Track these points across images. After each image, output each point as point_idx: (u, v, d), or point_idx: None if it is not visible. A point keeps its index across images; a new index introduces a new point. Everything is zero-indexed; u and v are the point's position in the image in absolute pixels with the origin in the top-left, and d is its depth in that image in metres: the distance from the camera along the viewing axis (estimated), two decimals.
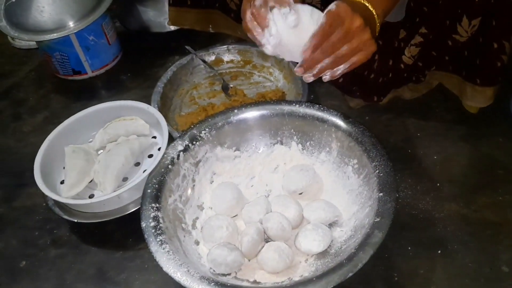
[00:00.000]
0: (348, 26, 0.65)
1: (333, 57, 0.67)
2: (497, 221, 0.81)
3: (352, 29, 0.65)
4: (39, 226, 0.89)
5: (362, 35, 0.66)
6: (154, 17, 1.26)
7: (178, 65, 1.08)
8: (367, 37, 0.67)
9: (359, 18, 0.65)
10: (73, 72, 1.19)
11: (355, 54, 0.67)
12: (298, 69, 0.69)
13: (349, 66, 0.69)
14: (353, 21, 0.65)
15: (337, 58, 0.67)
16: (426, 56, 0.93)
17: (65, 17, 1.10)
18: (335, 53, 0.66)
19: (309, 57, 0.67)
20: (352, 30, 0.65)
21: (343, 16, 0.65)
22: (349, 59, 0.68)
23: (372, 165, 0.74)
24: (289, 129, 0.84)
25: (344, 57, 0.67)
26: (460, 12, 0.83)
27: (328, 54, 0.66)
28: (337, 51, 0.66)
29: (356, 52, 0.67)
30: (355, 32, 0.65)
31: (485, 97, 0.92)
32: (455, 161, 0.91)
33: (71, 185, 0.85)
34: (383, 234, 0.65)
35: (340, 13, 0.65)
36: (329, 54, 0.66)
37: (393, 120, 1.00)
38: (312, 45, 0.66)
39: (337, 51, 0.66)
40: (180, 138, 0.81)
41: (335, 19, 0.65)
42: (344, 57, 0.67)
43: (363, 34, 0.66)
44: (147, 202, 0.73)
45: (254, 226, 0.73)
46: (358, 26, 0.65)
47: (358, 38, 0.66)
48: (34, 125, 1.11)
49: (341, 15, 0.65)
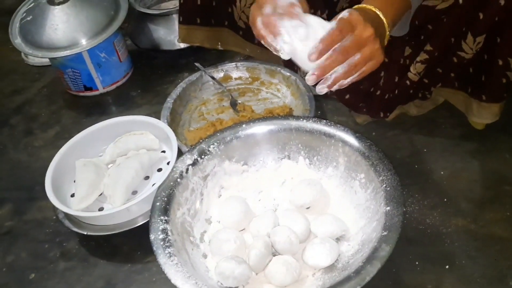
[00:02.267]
0: (359, 34, 0.66)
1: (346, 66, 0.66)
2: (505, 237, 0.81)
3: (363, 38, 0.66)
4: (49, 239, 0.90)
5: (373, 44, 0.67)
6: (164, 35, 1.29)
7: (188, 82, 1.10)
8: (377, 46, 0.67)
9: (370, 27, 0.66)
10: (85, 88, 1.22)
11: (366, 63, 0.68)
12: (310, 76, 0.67)
13: (358, 75, 0.69)
14: (365, 29, 0.66)
15: (350, 67, 0.67)
16: (432, 73, 0.94)
17: (78, 34, 1.13)
18: (348, 61, 0.66)
19: (322, 65, 0.67)
20: (364, 38, 0.66)
21: (354, 24, 0.66)
22: (360, 68, 0.68)
23: (379, 179, 0.74)
24: (297, 144, 0.85)
25: (357, 66, 0.67)
26: (465, 30, 0.85)
27: (340, 61, 0.66)
28: (350, 59, 0.66)
29: (368, 61, 0.68)
30: (367, 40, 0.66)
31: (491, 113, 0.93)
32: (462, 177, 0.91)
33: (81, 198, 0.86)
34: (390, 248, 0.65)
35: (352, 21, 0.66)
36: (342, 61, 0.66)
37: (399, 136, 1.00)
38: (318, 50, 0.66)
39: (349, 58, 0.66)
40: (189, 152, 0.82)
41: (346, 25, 0.65)
42: (357, 66, 0.67)
43: (374, 44, 0.67)
44: (156, 215, 0.73)
45: (261, 240, 0.74)
46: (370, 36, 0.66)
47: (369, 46, 0.67)
48: (45, 140, 1.13)
49: (353, 23, 0.66)
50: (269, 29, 0.70)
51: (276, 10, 0.69)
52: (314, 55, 0.66)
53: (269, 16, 0.70)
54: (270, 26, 0.70)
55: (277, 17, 0.69)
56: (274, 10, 0.69)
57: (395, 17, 0.73)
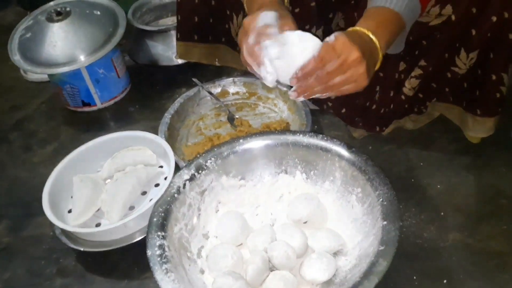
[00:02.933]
0: (344, 59, 0.66)
1: (324, 86, 0.69)
2: (502, 251, 0.81)
3: (347, 62, 0.66)
4: (46, 255, 0.90)
5: (358, 68, 0.67)
6: (162, 51, 1.30)
7: (185, 97, 1.11)
8: (362, 71, 0.67)
9: (357, 51, 0.66)
10: (83, 104, 1.22)
11: (346, 85, 0.69)
12: (292, 93, 0.71)
13: (336, 93, 0.70)
14: (351, 53, 0.66)
15: (327, 86, 0.69)
16: (427, 88, 0.95)
17: (77, 51, 1.14)
18: (328, 83, 0.68)
19: (303, 85, 0.69)
20: (348, 62, 0.67)
21: (339, 49, 0.66)
22: (339, 88, 0.69)
23: (375, 194, 0.75)
24: (294, 159, 0.86)
25: (335, 86, 0.69)
26: (458, 46, 0.86)
27: (321, 83, 0.68)
28: (330, 81, 0.68)
29: (348, 83, 0.69)
30: (351, 64, 0.67)
31: (486, 127, 0.93)
32: (458, 191, 0.92)
33: (79, 214, 0.86)
34: (387, 262, 0.65)
35: (336, 46, 0.66)
36: (323, 83, 0.68)
37: (395, 150, 1.01)
38: (298, 77, 0.68)
39: (331, 80, 0.68)
40: (186, 167, 0.83)
41: (329, 53, 0.66)
42: (335, 86, 0.69)
43: (358, 67, 0.67)
44: (153, 231, 0.73)
45: (259, 255, 0.74)
46: (355, 59, 0.66)
47: (353, 70, 0.67)
48: (44, 156, 1.13)
49: (337, 49, 0.66)
50: (252, 58, 0.72)
51: (260, 38, 0.71)
52: (294, 80, 0.69)
53: (252, 46, 0.71)
54: (253, 56, 0.72)
55: (259, 46, 0.71)
56: (257, 38, 0.71)
57: (390, 39, 0.74)
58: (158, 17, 1.44)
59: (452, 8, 0.82)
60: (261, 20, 0.71)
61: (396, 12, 0.74)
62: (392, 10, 0.74)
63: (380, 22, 0.73)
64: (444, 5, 0.82)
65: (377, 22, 0.73)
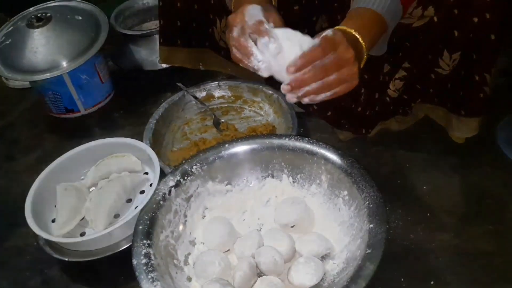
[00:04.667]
0: (341, 55, 0.66)
1: (320, 83, 0.67)
2: (488, 251, 0.81)
3: (344, 59, 0.67)
4: (30, 266, 0.88)
5: (352, 67, 0.68)
6: (146, 56, 1.29)
7: (170, 102, 1.10)
8: (355, 70, 0.68)
9: (352, 49, 0.67)
10: (66, 111, 1.21)
11: (340, 84, 0.69)
12: (285, 86, 0.68)
13: (331, 95, 0.70)
14: (347, 51, 0.66)
15: (324, 85, 0.68)
16: (411, 89, 0.96)
17: (59, 57, 1.12)
18: (324, 80, 0.67)
19: (299, 78, 0.67)
20: (344, 59, 0.67)
21: (338, 43, 0.66)
22: (334, 88, 0.69)
23: (362, 197, 0.74)
24: (280, 162, 0.85)
25: (331, 86, 0.68)
26: (441, 47, 0.87)
27: (317, 77, 0.67)
28: (326, 77, 0.67)
29: (342, 83, 0.69)
30: (347, 61, 0.67)
31: (470, 127, 0.94)
32: (444, 191, 0.92)
33: (63, 223, 0.85)
34: (375, 266, 0.65)
35: (336, 40, 0.66)
36: (319, 78, 0.67)
37: (382, 152, 1.01)
38: (297, 64, 0.66)
39: (327, 76, 0.67)
40: (172, 173, 0.82)
41: (330, 44, 0.66)
42: (330, 86, 0.68)
43: (352, 67, 0.68)
44: (139, 239, 0.72)
45: (246, 261, 0.73)
46: (350, 58, 0.67)
47: (348, 68, 0.67)
48: (26, 164, 1.11)
49: (336, 42, 0.66)
50: (241, 51, 0.71)
51: (244, 30, 0.70)
52: (292, 68, 0.67)
53: (238, 38, 0.70)
54: (241, 48, 0.71)
55: (246, 37, 0.70)
56: (242, 30, 0.70)
57: (373, 40, 0.74)
58: (141, 21, 1.43)
59: (434, 10, 0.82)
60: (248, 14, 0.70)
61: (378, 13, 0.74)
62: (374, 11, 0.74)
63: (363, 22, 0.73)
64: (426, 6, 0.82)
65: (360, 22, 0.73)
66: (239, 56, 0.72)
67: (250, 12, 0.70)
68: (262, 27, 0.68)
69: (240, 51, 0.71)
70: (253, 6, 0.70)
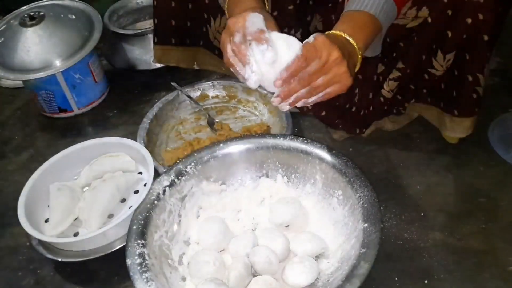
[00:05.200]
0: (325, 59, 0.67)
1: (308, 88, 0.68)
2: (481, 249, 0.82)
3: (329, 62, 0.67)
4: (23, 266, 0.87)
5: (339, 68, 0.68)
6: (140, 55, 1.29)
7: (164, 101, 1.09)
8: (343, 70, 0.68)
9: (336, 50, 0.67)
10: (59, 110, 1.20)
11: (330, 86, 0.69)
12: (275, 99, 0.70)
13: (323, 96, 0.70)
14: (331, 53, 0.67)
15: (312, 89, 0.69)
16: (405, 90, 0.96)
17: (52, 56, 1.12)
18: (311, 84, 0.68)
19: (286, 89, 0.68)
20: (329, 62, 0.67)
21: (320, 48, 0.67)
22: (324, 90, 0.70)
23: (356, 196, 0.75)
24: (274, 162, 0.85)
25: (319, 88, 0.69)
26: (435, 47, 0.87)
27: (304, 85, 0.68)
28: (313, 82, 0.68)
29: (331, 84, 0.69)
30: (332, 64, 0.67)
31: (463, 127, 0.95)
32: (438, 191, 0.92)
33: (56, 223, 0.84)
34: (369, 265, 0.65)
35: (317, 46, 0.67)
36: (305, 85, 0.68)
37: (376, 151, 1.02)
38: (283, 78, 0.68)
39: (313, 82, 0.68)
40: (166, 173, 0.82)
41: (311, 52, 0.67)
42: (319, 88, 0.69)
43: (339, 67, 0.68)
44: (133, 239, 0.72)
45: (241, 261, 0.73)
46: (335, 59, 0.67)
47: (335, 70, 0.68)
48: (19, 163, 1.10)
49: (318, 48, 0.67)
50: (238, 57, 0.71)
51: (245, 38, 0.70)
52: (279, 82, 0.68)
53: (239, 45, 0.70)
54: (239, 55, 0.71)
55: (246, 45, 0.70)
56: (243, 38, 0.70)
57: (366, 41, 0.74)
58: (135, 20, 1.42)
59: (428, 10, 0.83)
60: (250, 21, 0.70)
61: (372, 15, 0.74)
62: (368, 13, 0.74)
63: (356, 25, 0.74)
64: (420, 7, 0.83)
65: (353, 25, 0.74)
66: (233, 61, 0.72)
67: (252, 20, 0.70)
68: (263, 35, 0.68)
69: (237, 57, 0.71)
70: (255, 14, 0.70)
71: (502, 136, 1.01)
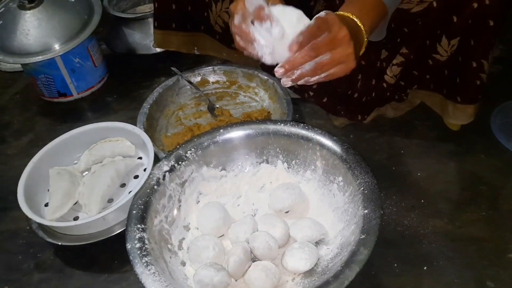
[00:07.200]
0: (334, 34, 0.65)
1: (313, 64, 0.66)
2: (481, 237, 0.82)
3: (338, 38, 0.65)
4: (23, 250, 0.88)
5: (346, 47, 0.66)
6: (140, 39, 1.28)
7: (164, 86, 1.09)
8: (350, 51, 0.67)
9: (345, 28, 0.66)
10: (59, 95, 1.19)
11: (335, 66, 0.68)
12: (279, 69, 0.67)
13: (325, 76, 0.68)
14: (340, 30, 0.65)
15: (317, 65, 0.66)
16: (408, 75, 0.95)
17: (51, 39, 1.11)
18: (316, 60, 0.66)
19: (292, 58, 0.66)
20: (338, 38, 0.65)
21: (331, 23, 0.65)
22: (328, 70, 0.68)
23: (356, 183, 0.74)
24: (275, 148, 0.85)
25: (325, 66, 0.67)
26: (439, 32, 0.86)
27: (311, 56, 0.66)
28: (319, 57, 0.66)
29: (336, 63, 0.67)
30: (341, 41, 0.66)
31: (466, 114, 0.94)
32: (439, 178, 0.92)
33: (56, 207, 0.84)
34: (368, 251, 0.65)
35: (329, 20, 0.65)
36: (313, 57, 0.66)
37: (377, 138, 1.01)
38: (299, 42, 0.65)
39: (320, 55, 0.66)
40: (166, 158, 0.81)
41: (323, 23, 0.65)
42: (324, 66, 0.67)
43: (347, 46, 0.66)
44: (133, 223, 0.72)
45: (240, 246, 0.73)
46: (344, 36, 0.66)
47: (342, 48, 0.66)
48: (18, 148, 1.10)
49: (330, 22, 0.65)
50: (243, 38, 0.70)
51: (245, 17, 0.69)
52: (295, 45, 0.65)
53: (240, 25, 0.69)
54: (243, 35, 0.69)
55: (246, 24, 0.68)
56: (243, 17, 0.69)
57: (373, 24, 0.73)
58: (135, 4, 1.40)
59: None
60: (249, 1, 0.68)
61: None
62: None
63: (363, 7, 0.73)
64: None
65: (359, 7, 0.72)
66: (242, 44, 0.70)
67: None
68: (262, 12, 0.67)
69: (242, 38, 0.70)
70: None
71: (504, 124, 1.01)
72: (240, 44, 0.71)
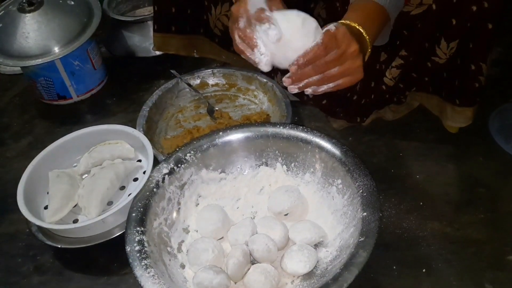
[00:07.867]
0: (344, 50, 0.66)
1: (321, 75, 0.67)
2: (479, 239, 0.82)
3: (347, 53, 0.67)
4: (22, 253, 0.88)
5: (354, 61, 0.68)
6: (139, 42, 1.28)
7: (164, 89, 1.09)
8: (358, 64, 0.68)
9: (355, 43, 0.67)
10: (58, 97, 1.19)
11: (342, 77, 0.69)
12: (286, 79, 0.69)
13: (333, 87, 0.70)
14: (350, 45, 0.66)
15: (325, 77, 0.68)
16: (407, 78, 0.96)
17: (50, 42, 1.11)
18: (325, 72, 0.67)
19: (300, 72, 0.67)
20: (347, 54, 0.67)
21: (340, 39, 0.66)
22: (335, 81, 0.69)
23: (355, 185, 0.75)
24: (274, 151, 0.85)
25: (333, 78, 0.68)
26: (438, 35, 0.86)
27: (319, 72, 0.67)
28: (328, 71, 0.67)
29: (344, 75, 0.68)
30: (350, 56, 0.67)
31: (464, 117, 0.94)
32: (437, 180, 0.92)
33: (55, 210, 0.84)
34: (367, 253, 0.65)
35: (338, 36, 0.66)
36: (320, 72, 0.67)
37: (375, 140, 1.01)
38: (299, 63, 0.67)
39: (328, 70, 0.67)
40: (165, 161, 0.81)
41: (332, 41, 0.66)
42: (332, 78, 0.68)
43: (356, 60, 0.68)
44: (132, 226, 0.72)
45: (240, 248, 0.73)
46: (353, 51, 0.67)
47: (351, 62, 0.67)
48: (18, 150, 1.10)
49: (339, 38, 0.66)
50: (245, 42, 0.70)
51: (250, 22, 0.69)
52: (294, 67, 0.67)
53: (244, 29, 0.70)
54: (246, 40, 0.70)
55: (252, 29, 0.69)
56: (248, 22, 0.69)
57: (376, 32, 0.74)
58: (135, 7, 1.41)
59: None
60: (251, 4, 0.69)
61: (381, 5, 0.74)
62: (377, 3, 0.74)
63: (366, 15, 0.73)
64: None
65: (363, 16, 0.73)
66: (242, 47, 0.71)
67: (253, 1, 0.69)
68: (262, 14, 0.67)
69: (244, 42, 0.71)
70: None
71: (502, 127, 1.01)
72: (239, 47, 0.72)
